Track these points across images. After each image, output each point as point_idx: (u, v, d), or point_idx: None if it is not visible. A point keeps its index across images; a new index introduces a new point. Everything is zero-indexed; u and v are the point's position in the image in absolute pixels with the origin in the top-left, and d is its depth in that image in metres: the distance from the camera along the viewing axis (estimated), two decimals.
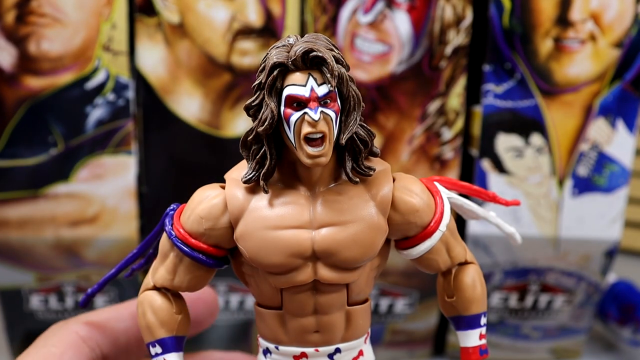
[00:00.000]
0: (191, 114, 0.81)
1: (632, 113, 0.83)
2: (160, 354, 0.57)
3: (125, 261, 0.62)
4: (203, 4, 0.79)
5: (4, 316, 0.90)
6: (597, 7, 0.80)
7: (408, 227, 0.55)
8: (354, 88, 0.52)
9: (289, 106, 0.51)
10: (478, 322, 0.58)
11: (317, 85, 0.50)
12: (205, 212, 0.55)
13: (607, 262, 0.88)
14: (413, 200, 0.55)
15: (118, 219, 0.83)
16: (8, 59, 0.78)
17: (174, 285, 0.57)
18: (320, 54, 0.50)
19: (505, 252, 0.87)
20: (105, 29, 0.79)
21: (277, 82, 0.51)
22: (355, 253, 0.53)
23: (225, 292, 0.89)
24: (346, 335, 0.56)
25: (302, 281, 0.53)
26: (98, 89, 0.80)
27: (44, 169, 0.81)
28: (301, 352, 0.56)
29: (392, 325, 0.94)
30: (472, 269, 0.59)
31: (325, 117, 0.50)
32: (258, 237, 0.53)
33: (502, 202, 0.63)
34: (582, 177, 0.84)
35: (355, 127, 0.52)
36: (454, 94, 0.82)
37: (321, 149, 0.51)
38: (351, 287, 0.55)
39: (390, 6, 0.80)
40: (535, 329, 0.96)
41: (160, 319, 0.57)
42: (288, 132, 0.51)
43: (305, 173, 0.54)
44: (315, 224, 0.53)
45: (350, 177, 0.53)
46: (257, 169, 0.53)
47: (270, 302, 0.56)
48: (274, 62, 0.51)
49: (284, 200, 0.54)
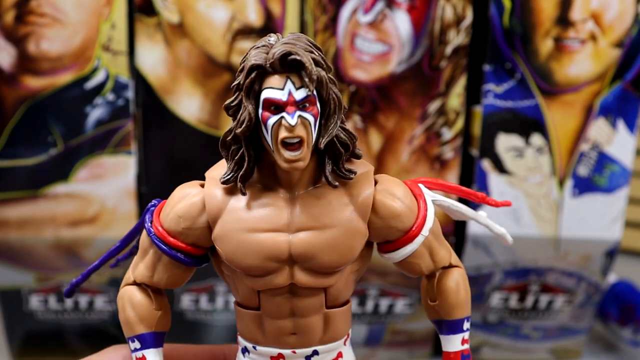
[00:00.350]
0: (191, 114, 0.81)
1: (632, 113, 0.83)
2: (139, 349, 0.57)
3: (109, 253, 0.62)
4: (203, 4, 0.79)
5: (4, 316, 0.90)
6: (597, 7, 0.80)
7: (389, 232, 0.55)
8: (335, 91, 0.51)
9: (267, 109, 0.50)
10: (461, 327, 0.57)
11: (295, 89, 0.50)
12: (183, 211, 0.54)
13: (607, 262, 0.88)
14: (394, 205, 0.54)
15: (118, 219, 0.82)
16: (7, 58, 0.78)
17: (153, 282, 0.57)
18: (299, 58, 0.49)
19: (505, 252, 0.87)
20: (104, 29, 0.79)
21: (255, 84, 0.50)
22: (332, 258, 0.52)
23: (225, 293, 0.89)
24: (324, 338, 0.56)
25: (278, 284, 0.53)
26: (98, 89, 0.80)
27: (43, 169, 0.81)
28: (278, 353, 0.55)
29: (392, 325, 0.94)
30: (457, 273, 0.58)
31: (303, 122, 0.50)
32: (235, 238, 0.52)
33: (491, 203, 0.62)
34: (582, 177, 0.84)
35: (335, 131, 0.52)
36: (454, 94, 0.82)
37: (298, 153, 0.50)
38: (329, 291, 0.55)
39: (390, 6, 0.80)
40: (536, 329, 0.96)
41: (140, 314, 0.57)
42: (266, 135, 0.51)
43: (285, 175, 0.53)
44: (293, 228, 0.52)
45: (330, 181, 0.53)
46: (236, 170, 0.53)
47: (249, 302, 0.56)
48: (252, 64, 0.50)
49: (263, 202, 0.53)
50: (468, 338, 0.58)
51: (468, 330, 0.58)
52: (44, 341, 0.92)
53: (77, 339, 0.92)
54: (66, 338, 0.92)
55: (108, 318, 0.91)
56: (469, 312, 0.58)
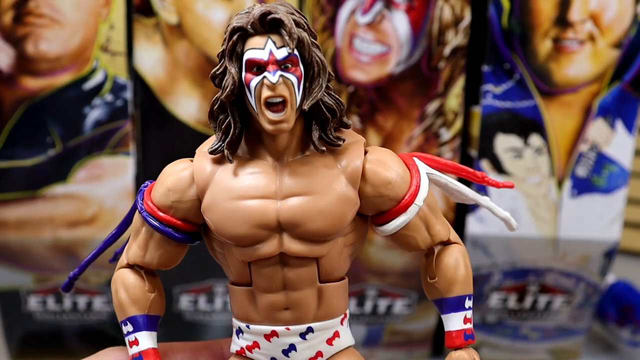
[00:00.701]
0: (189, 114, 0.81)
1: (631, 113, 0.83)
2: (131, 332, 0.56)
3: (105, 242, 0.61)
4: (201, 5, 0.79)
5: (2, 317, 0.90)
6: (596, 7, 0.80)
7: (381, 201, 0.54)
8: (318, 54, 0.52)
9: (249, 71, 0.51)
10: (462, 304, 0.56)
11: (276, 48, 0.50)
12: (172, 184, 0.55)
13: (606, 262, 0.88)
14: (386, 172, 0.54)
15: (116, 219, 0.82)
16: (6, 59, 0.78)
17: (145, 261, 0.57)
18: (278, 16, 0.50)
19: (504, 252, 0.87)
20: (103, 30, 0.79)
21: (237, 47, 0.51)
22: (321, 224, 0.52)
23: (224, 293, 0.89)
24: (319, 314, 0.55)
25: (268, 253, 0.53)
26: (96, 89, 0.80)
27: (42, 170, 0.81)
28: (272, 330, 0.55)
29: (390, 326, 0.94)
30: (456, 249, 0.57)
31: (285, 81, 0.50)
32: (223, 208, 0.52)
33: (492, 183, 0.60)
34: (581, 178, 0.84)
35: (320, 94, 0.52)
36: (453, 95, 0.82)
37: (282, 114, 0.50)
38: (322, 263, 0.54)
39: (389, 7, 0.80)
40: (534, 329, 0.96)
41: (132, 296, 0.57)
42: (250, 98, 0.51)
43: (271, 142, 0.53)
44: (281, 195, 0.52)
45: (317, 146, 0.53)
46: (223, 139, 0.53)
47: (240, 278, 0.55)
48: (234, 27, 0.51)
49: (250, 170, 0.53)
50: (471, 317, 0.56)
51: (470, 309, 0.56)
52: (43, 342, 0.92)
53: (76, 339, 0.92)
54: (65, 339, 0.92)
55: (106, 319, 0.91)
56: (470, 289, 0.57)
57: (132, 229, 0.58)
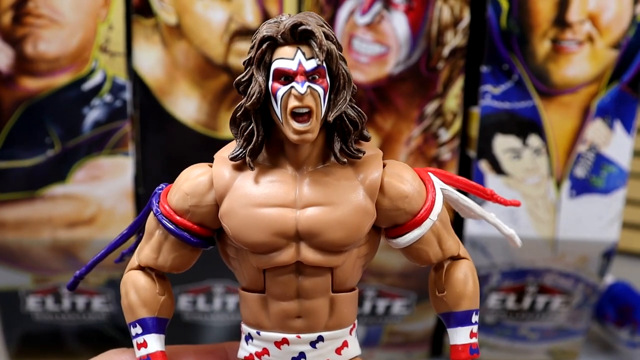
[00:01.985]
0: (188, 115, 0.81)
1: (629, 114, 0.83)
2: (140, 334, 0.56)
3: (115, 242, 0.61)
4: (200, 5, 0.79)
5: (1, 317, 0.90)
6: (594, 8, 0.80)
7: (397, 214, 0.55)
8: (344, 67, 0.52)
9: (277, 80, 0.51)
10: (469, 319, 0.57)
11: (305, 59, 0.51)
12: (191, 188, 0.55)
13: (604, 263, 0.88)
14: (403, 186, 0.54)
15: (115, 220, 0.82)
16: (5, 60, 0.78)
17: (158, 264, 0.57)
18: (309, 28, 0.50)
19: (502, 253, 0.87)
20: (102, 30, 0.79)
21: (266, 55, 0.51)
22: (339, 235, 0.52)
23: (223, 294, 0.89)
24: (330, 324, 0.55)
25: (284, 262, 0.53)
26: (95, 90, 0.80)
27: (41, 170, 0.81)
28: (282, 337, 0.55)
29: (389, 326, 0.94)
30: (465, 264, 0.58)
31: (312, 92, 0.51)
32: (242, 214, 0.53)
33: (500, 200, 0.62)
34: (579, 179, 0.84)
35: (344, 107, 0.52)
36: (452, 95, 0.82)
37: (307, 124, 0.51)
38: (336, 273, 0.55)
39: (388, 7, 0.80)
40: (533, 330, 0.96)
41: (143, 298, 0.57)
42: (275, 107, 0.51)
43: (293, 152, 0.53)
44: (301, 204, 0.53)
45: (338, 158, 0.53)
46: (245, 146, 0.53)
47: (254, 285, 0.55)
48: (263, 36, 0.51)
49: (270, 178, 0.53)
50: (477, 332, 0.57)
51: (477, 323, 0.57)
52: (42, 342, 0.92)
53: (75, 340, 0.92)
54: (63, 339, 0.92)
55: (105, 319, 0.91)
56: (477, 304, 0.58)
57: (146, 231, 0.58)
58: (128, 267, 0.59)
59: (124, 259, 0.63)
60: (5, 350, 0.93)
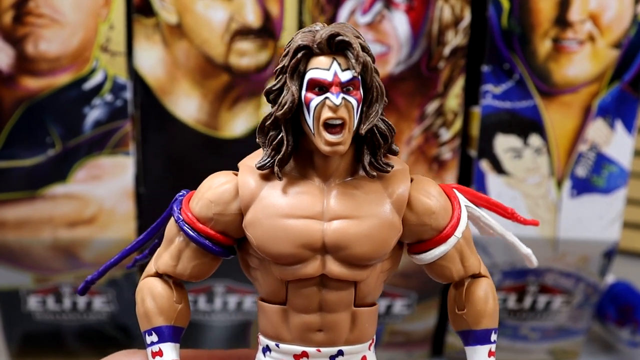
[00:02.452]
0: (189, 114, 0.81)
1: (630, 114, 0.83)
2: (155, 342, 0.56)
3: (130, 248, 0.60)
4: (201, 5, 0.79)
5: (2, 317, 0.90)
6: (595, 7, 0.80)
7: (423, 230, 0.54)
8: (378, 80, 0.51)
9: (311, 90, 0.50)
10: (488, 337, 0.57)
11: (341, 70, 0.50)
12: (215, 196, 0.54)
13: (605, 263, 0.88)
14: (430, 202, 0.54)
15: (116, 220, 0.82)
16: (5, 59, 0.78)
17: (177, 272, 0.56)
18: (347, 39, 0.49)
19: (503, 253, 0.87)
20: (103, 30, 0.79)
21: (301, 65, 0.51)
22: (366, 249, 0.52)
23: (223, 294, 0.89)
24: (350, 338, 0.55)
25: (309, 274, 0.52)
26: (96, 89, 0.80)
27: (41, 170, 0.81)
28: (302, 351, 0.54)
29: (390, 326, 0.94)
30: (486, 282, 0.57)
31: (346, 104, 0.50)
32: (267, 225, 0.52)
33: (520, 220, 0.61)
34: (580, 178, 0.84)
35: (376, 120, 0.51)
36: (453, 95, 0.82)
37: (340, 136, 0.50)
38: (359, 287, 0.54)
39: (389, 7, 0.80)
40: (534, 330, 0.96)
41: (160, 306, 0.56)
42: (307, 118, 0.51)
43: (322, 163, 0.53)
44: (328, 216, 0.52)
45: (368, 171, 0.52)
46: (273, 155, 0.52)
47: (275, 296, 0.55)
48: (299, 45, 0.50)
49: (297, 189, 0.53)
50: (495, 351, 0.57)
51: (495, 342, 0.57)
52: (42, 342, 0.92)
53: (76, 340, 0.92)
54: (64, 339, 0.92)
55: (106, 319, 0.91)
56: (496, 323, 0.57)
57: (165, 238, 0.57)
58: (145, 273, 0.58)
59: (136, 264, 0.63)
60: (6, 350, 0.93)
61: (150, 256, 0.61)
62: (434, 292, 0.91)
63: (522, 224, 0.61)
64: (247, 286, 0.88)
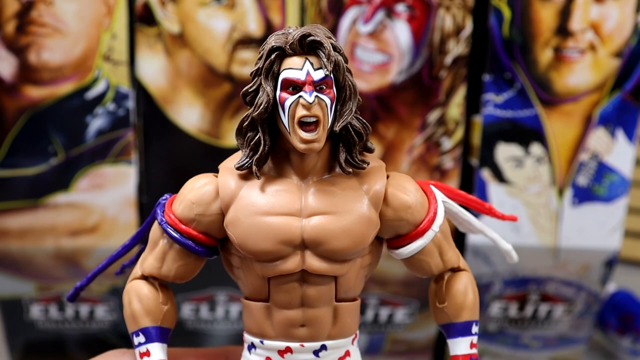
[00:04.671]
0: (191, 123, 0.81)
1: (631, 123, 0.83)
2: (143, 343, 0.57)
3: (117, 253, 0.62)
4: (203, 14, 0.79)
5: (5, 326, 0.90)
6: (597, 17, 0.80)
7: (400, 224, 0.55)
8: (351, 78, 0.53)
9: (285, 90, 0.52)
10: (469, 329, 0.58)
11: (314, 69, 0.51)
12: (196, 197, 0.55)
13: (606, 271, 0.88)
14: (406, 197, 0.55)
15: (118, 228, 0.83)
16: (8, 68, 0.78)
17: (162, 273, 0.57)
18: (318, 39, 0.51)
19: (505, 261, 0.87)
20: (105, 39, 0.79)
21: (274, 66, 0.52)
22: (344, 244, 0.53)
23: (225, 302, 0.89)
24: (333, 333, 0.56)
25: (289, 270, 0.54)
26: (98, 98, 0.80)
27: (44, 179, 0.81)
28: (286, 346, 0.55)
29: (392, 334, 0.94)
30: (465, 276, 0.59)
31: (320, 102, 0.51)
32: (247, 223, 0.53)
33: (498, 215, 0.63)
34: (582, 187, 0.84)
35: (350, 117, 0.53)
36: (454, 104, 0.83)
37: (315, 134, 0.51)
38: (340, 282, 0.55)
39: (390, 16, 0.80)
40: (535, 338, 0.96)
41: (146, 307, 0.57)
42: (282, 117, 0.52)
43: (299, 161, 0.54)
44: (306, 213, 0.53)
45: (344, 168, 0.54)
46: (251, 156, 0.54)
47: (258, 294, 0.56)
48: (272, 46, 0.52)
49: (276, 188, 0.54)
50: (476, 343, 0.58)
51: (476, 334, 0.58)
52: (45, 351, 0.92)
53: (78, 348, 0.92)
54: (67, 348, 0.92)
55: (109, 327, 0.91)
56: (477, 316, 0.58)
57: (149, 241, 0.58)
58: (131, 276, 0.59)
59: (124, 270, 0.64)
60: (9, 358, 0.93)
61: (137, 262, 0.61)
62: None
63: (500, 219, 0.63)
64: None
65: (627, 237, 1.25)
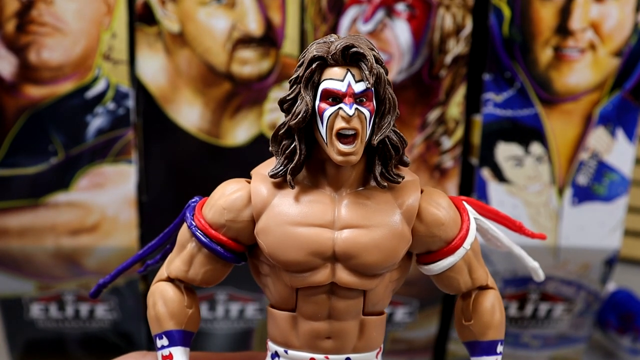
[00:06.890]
0: (191, 123, 0.81)
1: (631, 122, 0.83)
2: (166, 346, 0.57)
3: (142, 253, 0.61)
4: (203, 13, 0.79)
5: (5, 325, 0.90)
6: (596, 16, 0.80)
7: (432, 240, 0.55)
8: (391, 92, 0.52)
9: (324, 100, 0.51)
10: (494, 349, 0.58)
11: (355, 81, 0.51)
12: (228, 203, 0.55)
13: (606, 270, 0.88)
14: (439, 213, 0.55)
15: (118, 227, 0.83)
16: (8, 68, 0.78)
17: (188, 277, 0.57)
18: (361, 50, 0.50)
19: (505, 261, 0.87)
20: (105, 38, 0.79)
21: (315, 75, 0.51)
22: (375, 258, 0.52)
23: (225, 301, 0.89)
24: (358, 346, 0.56)
25: (319, 282, 0.53)
26: (98, 98, 0.80)
27: (44, 178, 0.81)
28: (310, 357, 0.55)
29: (392, 333, 0.94)
30: (493, 294, 0.58)
31: (359, 115, 0.51)
32: (279, 232, 0.53)
33: (528, 233, 0.62)
34: (581, 186, 0.84)
35: (388, 131, 0.52)
36: (454, 103, 0.83)
37: (352, 146, 0.51)
38: (368, 296, 0.55)
39: (390, 15, 0.80)
40: (535, 337, 0.96)
41: (171, 310, 0.57)
42: (320, 128, 0.51)
43: (334, 173, 0.54)
44: (339, 225, 0.53)
45: (379, 181, 0.53)
46: (286, 164, 0.53)
47: (285, 303, 0.56)
48: (314, 56, 0.51)
49: (309, 198, 0.53)
50: None
51: (501, 354, 0.58)
52: (45, 350, 0.92)
53: (78, 347, 0.92)
54: (67, 347, 0.92)
55: (109, 327, 0.91)
56: (502, 335, 0.58)
57: (177, 243, 0.58)
58: (156, 278, 0.59)
59: (147, 269, 0.63)
60: (9, 358, 0.93)
61: (162, 261, 0.61)
62: (435, 300, 0.91)
63: (529, 237, 0.62)
64: (249, 294, 0.88)
65: (627, 236, 1.25)
